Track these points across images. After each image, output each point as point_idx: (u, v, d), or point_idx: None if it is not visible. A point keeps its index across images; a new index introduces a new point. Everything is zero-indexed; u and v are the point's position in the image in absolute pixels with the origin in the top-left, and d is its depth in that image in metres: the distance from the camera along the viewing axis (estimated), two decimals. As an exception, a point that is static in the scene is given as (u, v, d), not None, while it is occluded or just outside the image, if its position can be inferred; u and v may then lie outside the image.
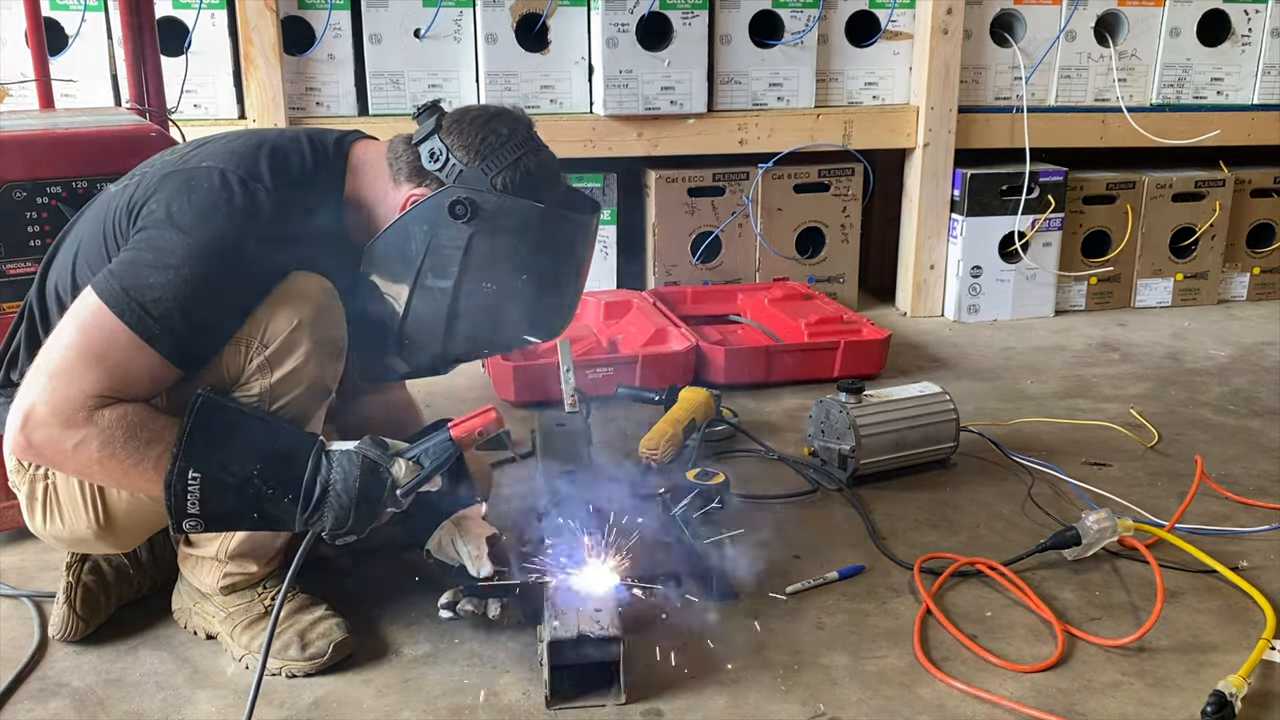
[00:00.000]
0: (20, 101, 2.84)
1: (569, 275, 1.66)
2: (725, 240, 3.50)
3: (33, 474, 1.60)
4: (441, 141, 1.58)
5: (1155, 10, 3.56)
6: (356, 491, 1.48)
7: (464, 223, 1.54)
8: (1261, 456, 2.47)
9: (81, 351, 1.43)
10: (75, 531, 1.61)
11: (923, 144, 3.48)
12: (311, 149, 1.61)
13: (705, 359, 2.90)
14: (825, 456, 2.32)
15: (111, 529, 1.61)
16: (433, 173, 1.58)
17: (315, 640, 1.66)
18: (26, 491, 1.61)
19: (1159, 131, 3.61)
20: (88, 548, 1.69)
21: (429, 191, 1.58)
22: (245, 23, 3.08)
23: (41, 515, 1.62)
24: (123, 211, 1.54)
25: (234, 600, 1.69)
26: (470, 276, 1.56)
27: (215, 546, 1.66)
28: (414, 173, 1.60)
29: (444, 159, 1.57)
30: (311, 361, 1.55)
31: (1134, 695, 1.60)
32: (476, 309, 1.58)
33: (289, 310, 1.53)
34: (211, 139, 1.62)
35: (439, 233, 1.55)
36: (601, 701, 1.57)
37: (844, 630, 1.77)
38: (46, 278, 1.62)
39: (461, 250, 1.55)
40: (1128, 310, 3.74)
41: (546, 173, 1.61)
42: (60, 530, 1.62)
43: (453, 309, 1.58)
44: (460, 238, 1.54)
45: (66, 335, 1.44)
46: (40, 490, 1.60)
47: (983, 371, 3.09)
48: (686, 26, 3.25)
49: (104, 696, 1.60)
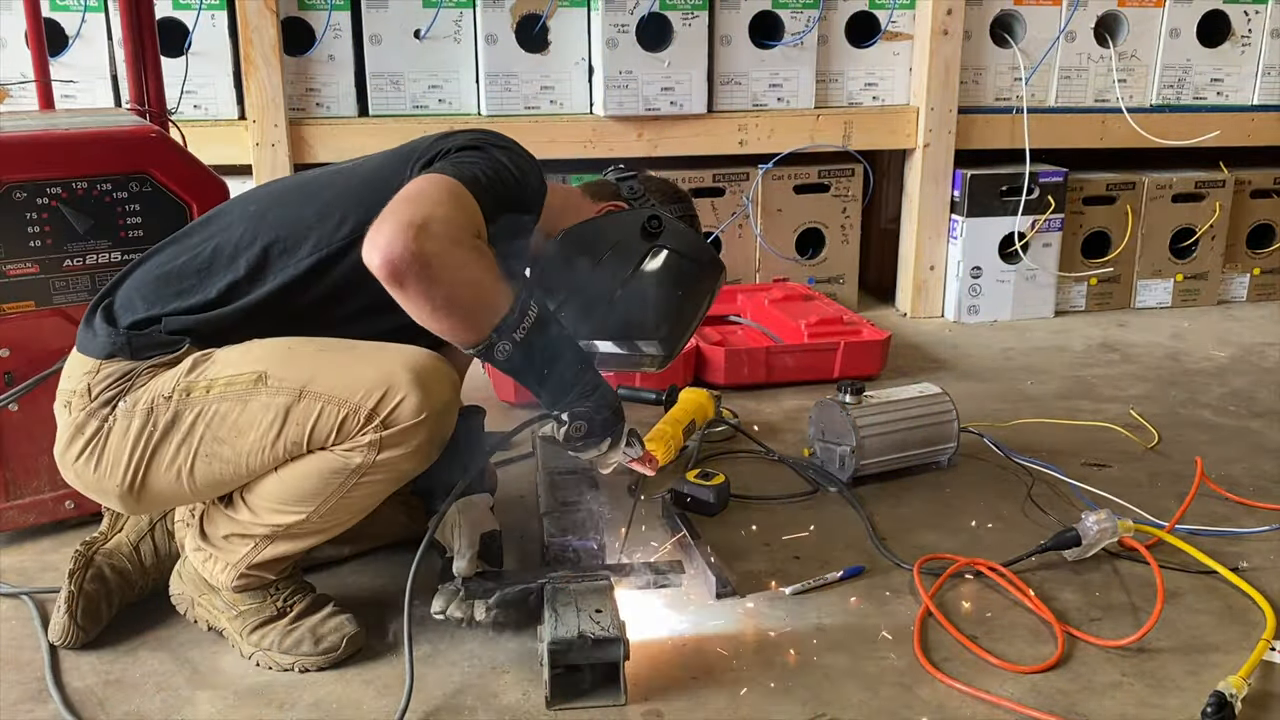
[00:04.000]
0: (20, 102, 2.84)
1: (698, 311, 1.87)
2: (725, 241, 3.50)
3: (94, 408, 1.58)
4: (640, 184, 1.91)
5: (1155, 11, 3.57)
6: (608, 417, 1.63)
7: (650, 237, 1.78)
8: (1261, 457, 2.47)
9: (450, 196, 1.51)
10: (103, 485, 1.60)
11: (923, 145, 3.49)
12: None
13: (705, 360, 2.90)
14: (825, 457, 2.32)
15: (136, 498, 1.60)
16: (630, 198, 1.87)
17: (328, 635, 1.67)
18: (79, 421, 1.58)
19: (1159, 132, 3.61)
20: (103, 499, 1.66)
21: (627, 206, 1.85)
22: (245, 23, 3.08)
23: (80, 453, 1.59)
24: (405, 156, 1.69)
25: (246, 599, 1.69)
26: (637, 277, 1.77)
27: (239, 555, 1.65)
28: (613, 196, 1.87)
29: (641, 193, 1.89)
30: (419, 455, 1.57)
31: (1134, 696, 1.60)
32: (631, 302, 1.77)
33: (419, 399, 1.53)
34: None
35: (628, 239, 1.78)
36: (602, 702, 1.57)
37: (844, 631, 1.77)
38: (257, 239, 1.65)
39: (640, 255, 1.78)
40: (1128, 311, 3.74)
41: (700, 231, 2.00)
42: (89, 476, 1.60)
43: (611, 294, 1.76)
44: (643, 247, 1.78)
45: (426, 187, 1.52)
46: (92, 428, 1.58)
47: (982, 372, 3.10)
48: (686, 27, 3.26)
49: (104, 697, 1.60)
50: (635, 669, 1.61)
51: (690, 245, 1.84)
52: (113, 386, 1.58)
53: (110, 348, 1.59)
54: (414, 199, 1.48)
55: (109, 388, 1.58)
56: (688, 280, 1.82)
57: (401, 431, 1.53)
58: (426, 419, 1.53)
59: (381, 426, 1.52)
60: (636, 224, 1.79)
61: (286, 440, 1.54)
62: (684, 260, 1.81)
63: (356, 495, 1.58)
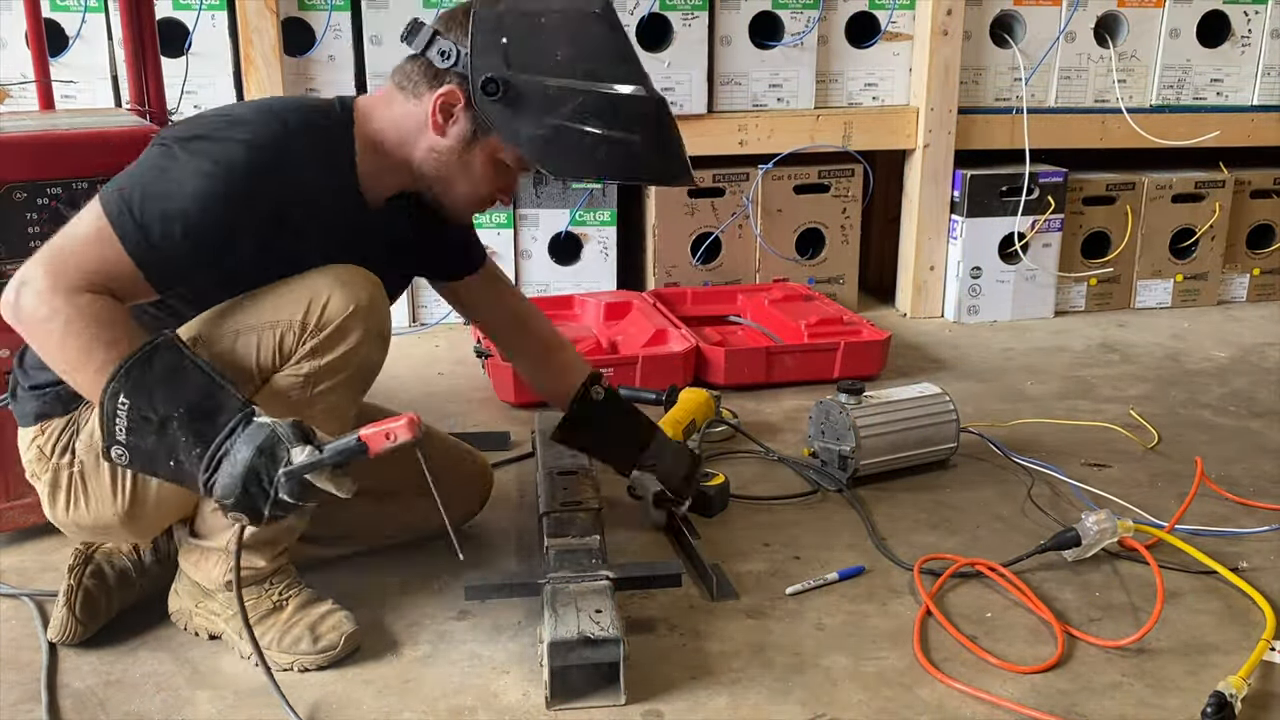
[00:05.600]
0: (20, 102, 2.84)
1: (624, 39, 1.60)
2: (725, 241, 3.50)
3: (56, 462, 1.60)
4: (446, 39, 1.57)
5: (1155, 11, 3.57)
6: (250, 461, 1.38)
7: (500, 89, 1.53)
8: (1261, 458, 2.47)
9: (78, 236, 1.45)
10: (100, 518, 1.62)
11: (923, 145, 3.49)
12: (315, 100, 1.66)
13: (705, 360, 2.90)
14: (825, 457, 2.32)
15: (136, 517, 1.61)
16: (449, 69, 1.57)
17: (326, 633, 1.67)
18: (50, 479, 1.62)
19: (1159, 132, 3.61)
20: (109, 536, 1.69)
21: (453, 87, 1.57)
22: (245, 24, 3.08)
23: (65, 502, 1.62)
24: None
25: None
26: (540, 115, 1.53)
27: (225, 537, 1.66)
28: (432, 77, 1.59)
29: (453, 53, 1.56)
30: (362, 348, 1.59)
31: (1134, 696, 1.60)
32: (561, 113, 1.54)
33: (344, 295, 1.57)
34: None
35: (495, 113, 1.55)
36: (602, 702, 1.57)
37: (844, 631, 1.77)
38: None
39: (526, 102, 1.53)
40: (1128, 311, 3.74)
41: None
42: (84, 517, 1.62)
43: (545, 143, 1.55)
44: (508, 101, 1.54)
45: (71, 224, 1.47)
46: (65, 478, 1.61)
47: (982, 372, 3.10)
48: (686, 27, 3.26)
49: (104, 697, 1.60)
50: (635, 669, 1.61)
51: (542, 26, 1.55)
52: (62, 437, 1.61)
53: (41, 409, 1.62)
54: (46, 245, 1.44)
55: (59, 440, 1.61)
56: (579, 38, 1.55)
57: (337, 329, 1.56)
58: (356, 310, 1.56)
59: (316, 330, 1.55)
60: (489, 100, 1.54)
61: (239, 379, 1.53)
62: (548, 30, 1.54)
63: (322, 410, 1.58)
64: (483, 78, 1.53)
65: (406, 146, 1.63)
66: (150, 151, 1.52)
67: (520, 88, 1.53)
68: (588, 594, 1.66)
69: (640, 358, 2.80)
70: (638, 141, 1.56)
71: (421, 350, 3.19)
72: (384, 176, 1.66)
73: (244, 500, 1.39)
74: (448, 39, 1.57)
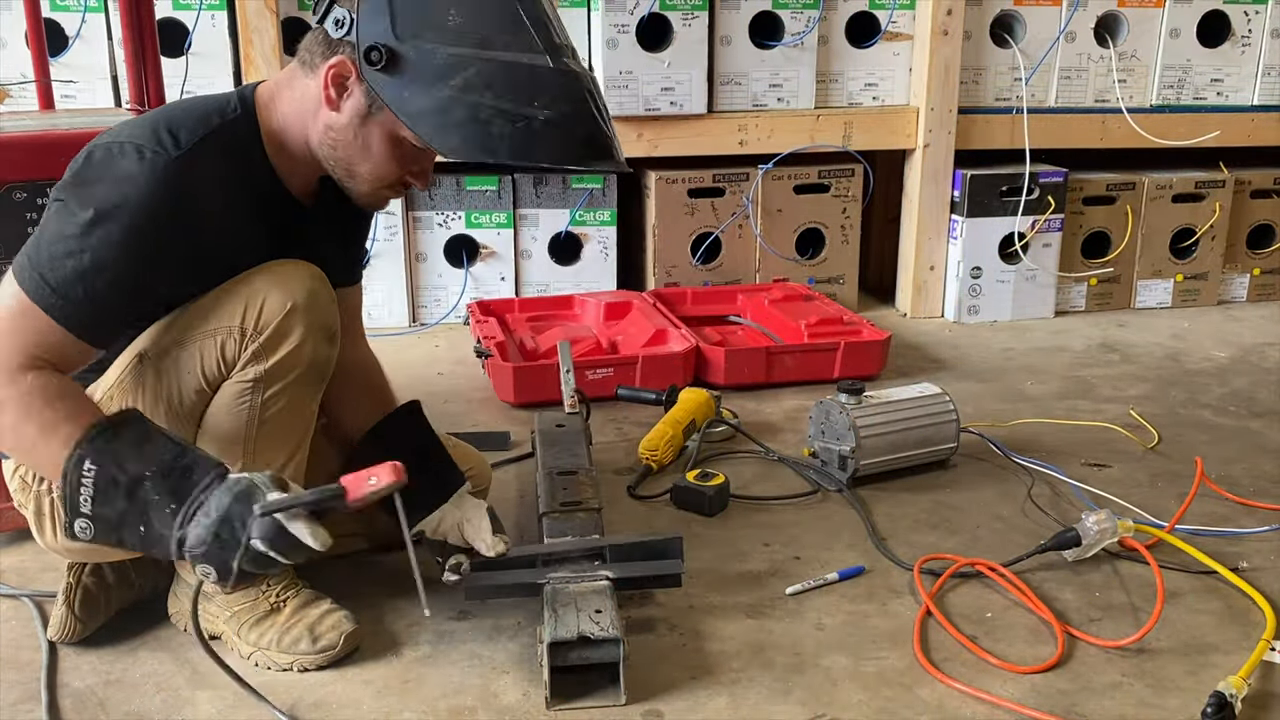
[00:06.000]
0: (20, 102, 2.84)
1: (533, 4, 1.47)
2: (725, 241, 3.50)
3: (38, 490, 1.59)
4: (341, 7, 1.45)
5: (1155, 11, 3.57)
6: (225, 508, 1.31)
7: (387, 59, 1.42)
8: (1261, 458, 2.47)
9: (2, 318, 1.40)
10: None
11: (923, 145, 3.49)
12: (214, 109, 1.53)
13: (705, 360, 2.90)
14: (825, 457, 2.32)
15: None
16: (342, 39, 1.45)
17: (326, 633, 1.67)
18: (34, 509, 1.60)
19: (1159, 132, 3.61)
20: (102, 556, 1.68)
21: (344, 58, 1.46)
22: (245, 24, 3.08)
23: (52, 530, 1.60)
24: None
25: (239, 598, 1.69)
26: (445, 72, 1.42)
27: None
28: (326, 47, 1.49)
29: (347, 21, 1.44)
30: (307, 345, 1.55)
31: (1134, 696, 1.60)
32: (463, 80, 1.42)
33: (280, 294, 1.52)
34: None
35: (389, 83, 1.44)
36: (602, 702, 1.57)
37: (844, 631, 1.77)
38: None
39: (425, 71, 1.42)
40: (1128, 311, 3.74)
41: None
42: (73, 542, 1.60)
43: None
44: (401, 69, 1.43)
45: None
46: (48, 505, 1.59)
47: (982, 372, 3.10)
48: (686, 27, 3.26)
49: (104, 697, 1.60)
50: (635, 669, 1.61)
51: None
52: None
53: None
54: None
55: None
56: (477, 2, 1.43)
57: (276, 329, 1.51)
58: (294, 307, 1.52)
59: (256, 333, 1.51)
60: (374, 69, 1.43)
61: (188, 393, 1.53)
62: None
63: (279, 413, 1.56)
64: (367, 45, 1.42)
65: (307, 128, 1.54)
66: (48, 212, 1.44)
67: (407, 56, 1.41)
68: (587, 594, 1.65)
69: (640, 358, 2.80)
70: (540, 119, 1.42)
71: (421, 350, 3.19)
72: (297, 166, 1.58)
73: (214, 550, 1.31)
74: (344, 6, 1.45)
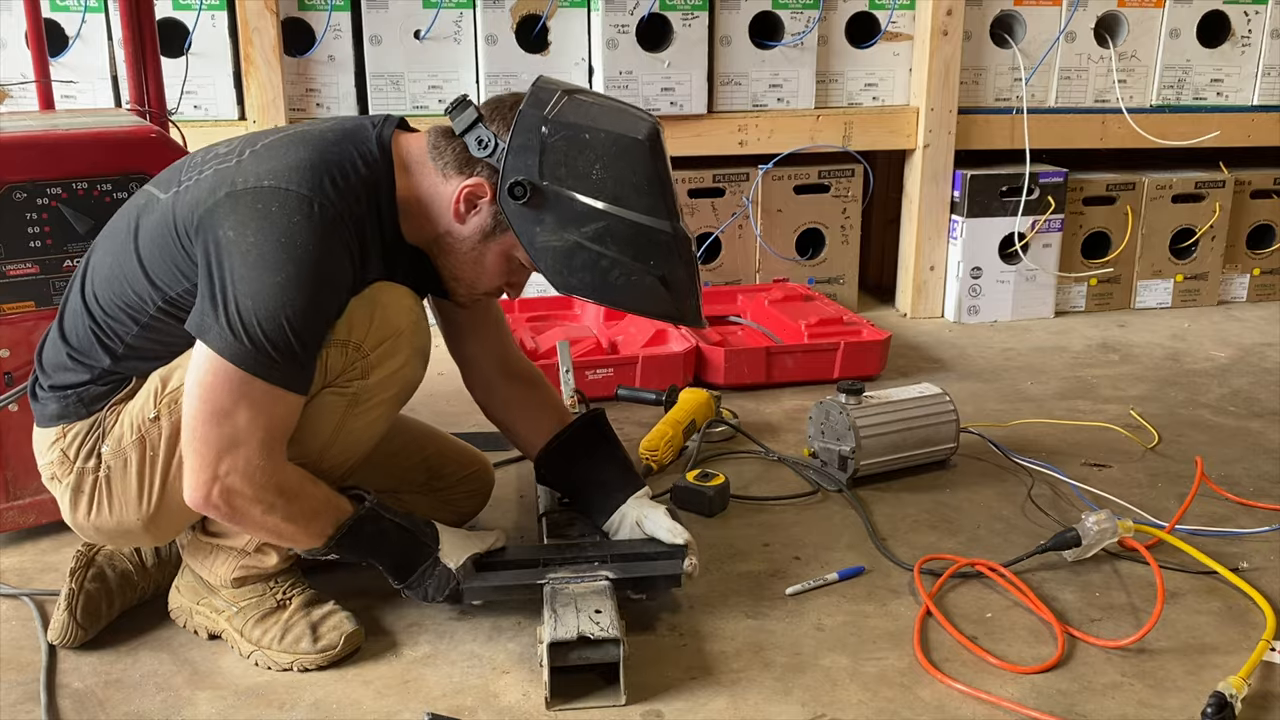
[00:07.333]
0: (20, 103, 2.84)
1: (667, 172, 1.59)
2: (725, 241, 3.50)
3: (81, 466, 1.61)
4: (486, 128, 1.57)
5: (1155, 11, 3.57)
6: (435, 598, 1.68)
7: (532, 195, 1.53)
8: (1261, 458, 2.47)
9: (244, 410, 1.47)
10: (122, 522, 1.62)
11: (923, 145, 3.49)
12: (358, 153, 1.58)
13: (705, 360, 2.90)
14: (825, 458, 2.32)
15: (159, 520, 1.62)
16: (483, 159, 1.57)
17: (327, 633, 1.67)
18: (73, 484, 1.62)
19: (1159, 133, 3.61)
20: (128, 539, 1.69)
21: (482, 180, 1.57)
22: (245, 24, 3.08)
23: (88, 508, 1.62)
24: (185, 220, 1.51)
25: (245, 594, 1.70)
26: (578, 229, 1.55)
27: (246, 537, 1.67)
28: (464, 164, 1.59)
29: (491, 143, 1.56)
30: (407, 368, 1.62)
31: (1134, 696, 1.60)
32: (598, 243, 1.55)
33: (390, 317, 1.59)
34: (256, 141, 1.59)
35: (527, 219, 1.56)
36: (602, 702, 1.57)
37: (844, 631, 1.77)
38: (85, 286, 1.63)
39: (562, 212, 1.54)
40: (1128, 311, 3.75)
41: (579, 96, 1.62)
42: (106, 521, 1.62)
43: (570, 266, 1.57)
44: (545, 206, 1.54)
45: (214, 402, 1.46)
46: (89, 482, 1.61)
47: (982, 372, 3.10)
48: (686, 28, 3.26)
49: (104, 698, 1.60)
50: (635, 669, 1.61)
51: (585, 143, 1.53)
52: (87, 441, 1.61)
53: (63, 413, 1.62)
54: (205, 436, 1.47)
55: (83, 444, 1.61)
56: (619, 162, 1.54)
57: (385, 349, 1.59)
58: (402, 330, 1.60)
59: (365, 351, 1.58)
60: (514, 201, 1.54)
61: None
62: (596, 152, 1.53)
63: (362, 427, 1.63)
64: (513, 179, 1.53)
65: (429, 219, 1.63)
66: (231, 261, 1.46)
67: (548, 196, 1.53)
68: (587, 594, 1.65)
69: (640, 358, 2.80)
70: (653, 276, 1.57)
71: (421, 350, 3.19)
72: (410, 228, 1.65)
73: (426, 593, 1.68)
74: (489, 129, 1.56)
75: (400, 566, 1.66)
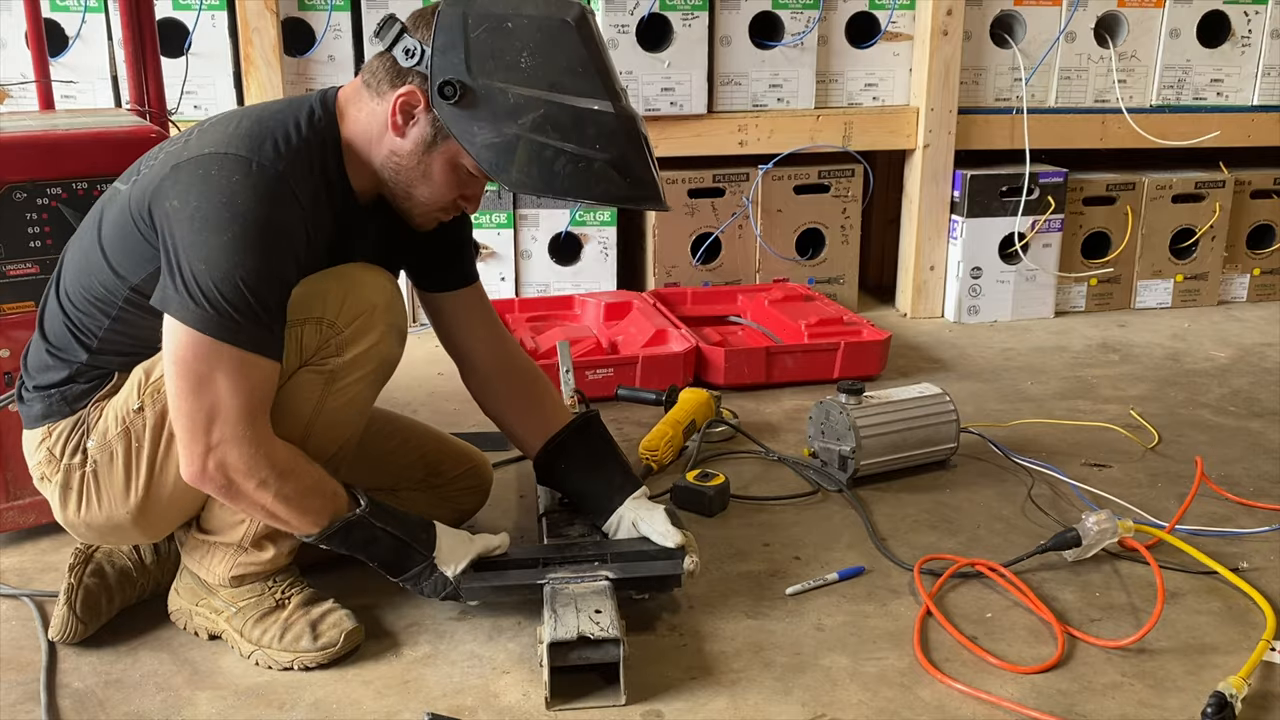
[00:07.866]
0: (20, 103, 2.84)
1: (600, 55, 1.54)
2: (725, 241, 3.50)
3: (67, 463, 1.61)
4: (411, 37, 1.52)
5: (1155, 11, 3.57)
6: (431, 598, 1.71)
7: (458, 92, 1.49)
8: (1262, 458, 2.47)
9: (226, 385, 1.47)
10: (112, 517, 1.62)
11: (923, 145, 3.49)
12: (302, 115, 1.57)
13: (705, 360, 2.90)
14: (825, 457, 2.32)
15: (149, 514, 1.63)
16: (411, 68, 1.52)
17: (327, 630, 1.67)
18: (61, 481, 1.62)
19: (1159, 133, 3.61)
20: (121, 536, 1.69)
21: (414, 88, 1.53)
22: (245, 24, 3.08)
23: (77, 504, 1.63)
24: (138, 204, 1.53)
25: (244, 593, 1.70)
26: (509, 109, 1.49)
27: (240, 532, 1.67)
28: (395, 75, 1.55)
29: (418, 51, 1.51)
30: (383, 344, 1.62)
31: (1134, 696, 1.60)
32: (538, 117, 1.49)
33: (363, 294, 1.60)
34: (205, 122, 1.60)
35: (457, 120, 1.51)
36: (602, 702, 1.57)
37: (844, 631, 1.77)
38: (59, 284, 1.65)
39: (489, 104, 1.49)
40: (1128, 311, 3.75)
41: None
42: (96, 517, 1.63)
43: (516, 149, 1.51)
44: (471, 99, 1.50)
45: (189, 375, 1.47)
46: (77, 479, 1.62)
47: (983, 372, 3.10)
48: (686, 28, 3.26)
49: (104, 698, 1.60)
50: (635, 669, 1.61)
51: (509, 31, 1.49)
52: (71, 438, 1.62)
53: (48, 412, 1.63)
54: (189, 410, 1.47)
55: (69, 441, 1.62)
56: (547, 46, 1.49)
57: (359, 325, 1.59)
58: (376, 306, 1.61)
59: (339, 328, 1.59)
60: (446, 103, 1.50)
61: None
62: (517, 36, 1.49)
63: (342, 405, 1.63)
64: (441, 79, 1.50)
65: (371, 148, 1.60)
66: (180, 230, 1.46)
67: (479, 93, 1.49)
68: (587, 594, 1.65)
69: (640, 358, 2.80)
70: (601, 160, 1.51)
71: (422, 350, 3.19)
72: (361, 177, 1.63)
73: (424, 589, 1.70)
74: (414, 37, 1.52)
75: (392, 565, 1.67)
